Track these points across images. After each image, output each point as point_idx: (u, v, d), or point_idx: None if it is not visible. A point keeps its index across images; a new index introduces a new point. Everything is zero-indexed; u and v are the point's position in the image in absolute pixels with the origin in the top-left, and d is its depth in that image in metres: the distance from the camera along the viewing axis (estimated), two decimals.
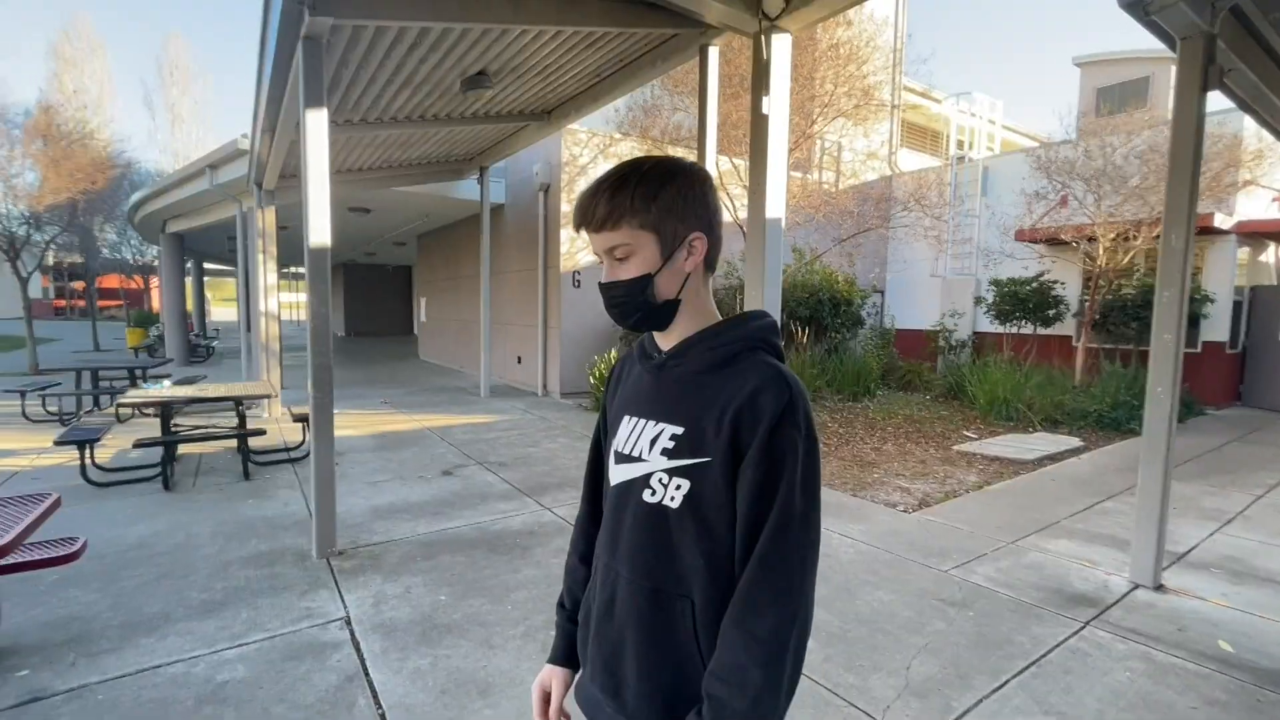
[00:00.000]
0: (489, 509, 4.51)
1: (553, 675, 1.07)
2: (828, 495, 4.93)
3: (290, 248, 11.98)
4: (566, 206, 9.21)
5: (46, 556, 2.62)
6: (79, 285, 34.53)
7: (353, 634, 2.79)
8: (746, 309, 4.78)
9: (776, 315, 4.53)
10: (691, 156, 8.73)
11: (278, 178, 7.24)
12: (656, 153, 8.98)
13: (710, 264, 0.95)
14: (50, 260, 31.53)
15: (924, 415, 8.62)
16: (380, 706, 2.29)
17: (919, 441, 7.11)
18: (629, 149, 9.41)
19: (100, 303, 34.66)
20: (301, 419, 5.63)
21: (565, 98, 6.64)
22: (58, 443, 4.66)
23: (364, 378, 12.13)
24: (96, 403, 8.03)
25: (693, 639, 0.88)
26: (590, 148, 9.30)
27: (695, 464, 0.86)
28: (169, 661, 2.55)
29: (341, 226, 13.45)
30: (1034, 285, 9.78)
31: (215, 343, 17.62)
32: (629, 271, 0.91)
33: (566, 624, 1.09)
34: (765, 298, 4.43)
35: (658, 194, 0.88)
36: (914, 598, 3.18)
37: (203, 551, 3.68)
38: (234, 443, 5.79)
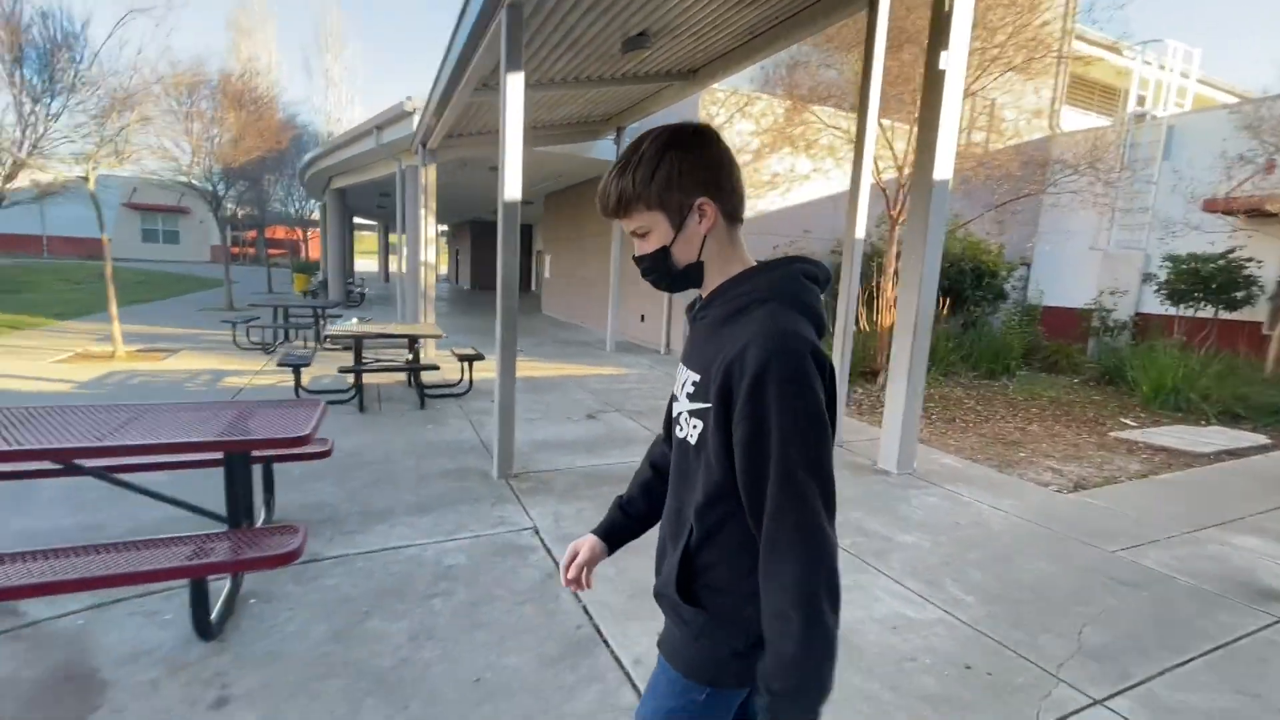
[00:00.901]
0: (636, 451, 4.85)
1: (586, 541, 1.24)
2: (972, 469, 4.84)
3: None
4: None
5: (313, 450, 3.22)
6: (250, 235, 39.10)
7: (543, 541, 3.21)
8: (903, 271, 4.66)
9: (934, 283, 4.43)
10: (839, 115, 8.46)
11: (443, 137, 7.84)
12: (796, 106, 8.77)
13: (731, 216, 1.00)
14: (229, 213, 35.99)
15: (1072, 399, 8.03)
16: (580, 600, 2.66)
17: (1068, 425, 6.68)
18: (766, 108, 9.25)
19: (271, 251, 39.26)
20: (464, 358, 6.25)
21: (714, 56, 6.64)
22: (280, 364, 5.52)
23: (494, 327, 13.04)
24: (286, 335, 9.30)
25: (689, 555, 1.01)
26: (727, 106, 9.23)
27: (704, 408, 0.95)
28: (404, 545, 3.08)
29: (480, 185, 14.32)
30: (1220, 263, 8.65)
31: (365, 290, 19.51)
32: (649, 246, 1.00)
33: (615, 509, 1.27)
34: (925, 262, 4.35)
35: (654, 173, 0.94)
36: (1079, 573, 3.13)
37: (403, 464, 4.30)
38: (404, 376, 6.55)
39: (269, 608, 2.49)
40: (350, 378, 5.94)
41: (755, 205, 9.68)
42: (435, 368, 5.90)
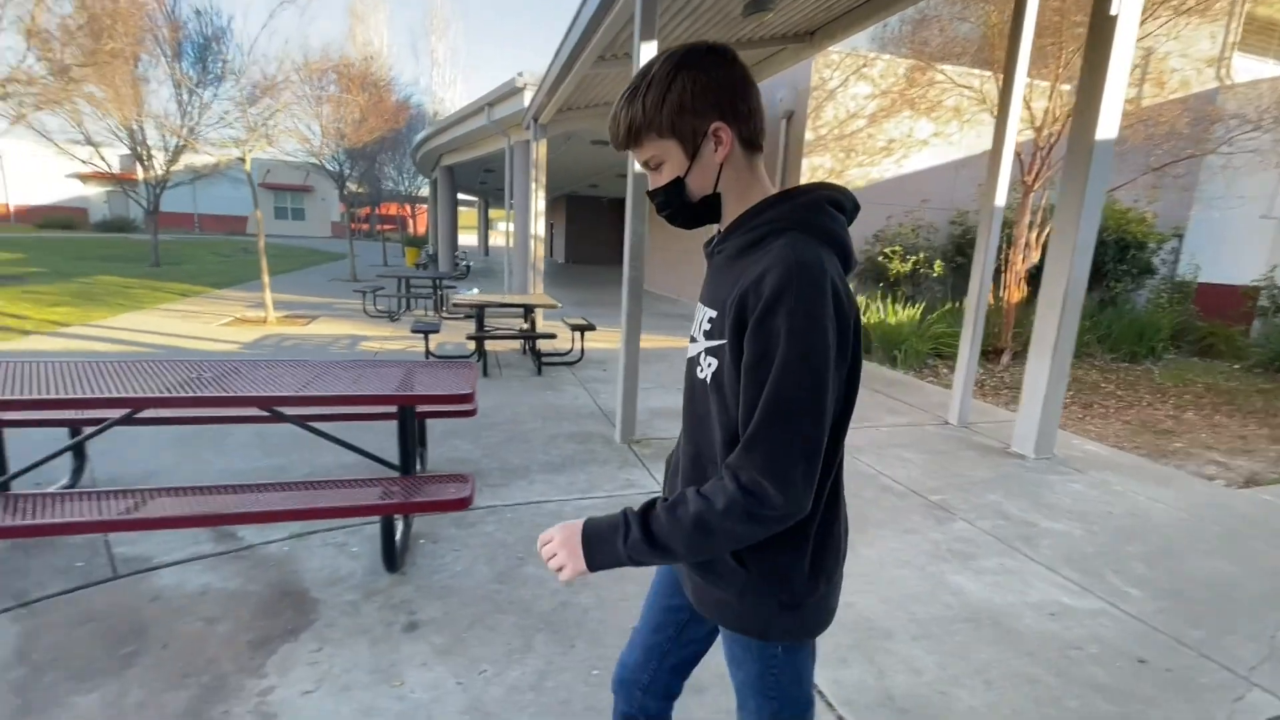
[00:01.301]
0: None
1: None
2: (1120, 457, 4.46)
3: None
4: (811, 135, 8.92)
5: (465, 409, 3.46)
6: (365, 211, 41.95)
7: None
8: (1054, 240, 4.33)
9: (1088, 253, 4.07)
10: (970, 74, 7.83)
11: (555, 111, 8.00)
12: (921, 66, 8.20)
13: (749, 143, 0.92)
14: (349, 191, 38.77)
15: (1233, 386, 7.17)
16: None
17: (1231, 415, 5.99)
18: (887, 69, 8.72)
19: (381, 226, 42.02)
20: (577, 328, 6.46)
21: (835, 15, 6.32)
22: (414, 331, 5.94)
23: (595, 299, 13.32)
24: (408, 304, 9.97)
25: None
26: (842, 69, 8.79)
27: (719, 345, 0.89)
28: (544, 500, 3.28)
29: (582, 159, 14.50)
30: None
31: (469, 263, 20.48)
32: (663, 178, 0.93)
33: None
34: (1080, 230, 4.00)
35: (665, 96, 0.87)
36: (1268, 576, 2.83)
37: (530, 425, 4.54)
38: (519, 343, 6.86)
39: (436, 548, 2.74)
40: (472, 344, 6.30)
41: (868, 173, 9.23)
42: (553, 336, 6.14)
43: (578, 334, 6.53)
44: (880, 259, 8.87)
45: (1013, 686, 2.02)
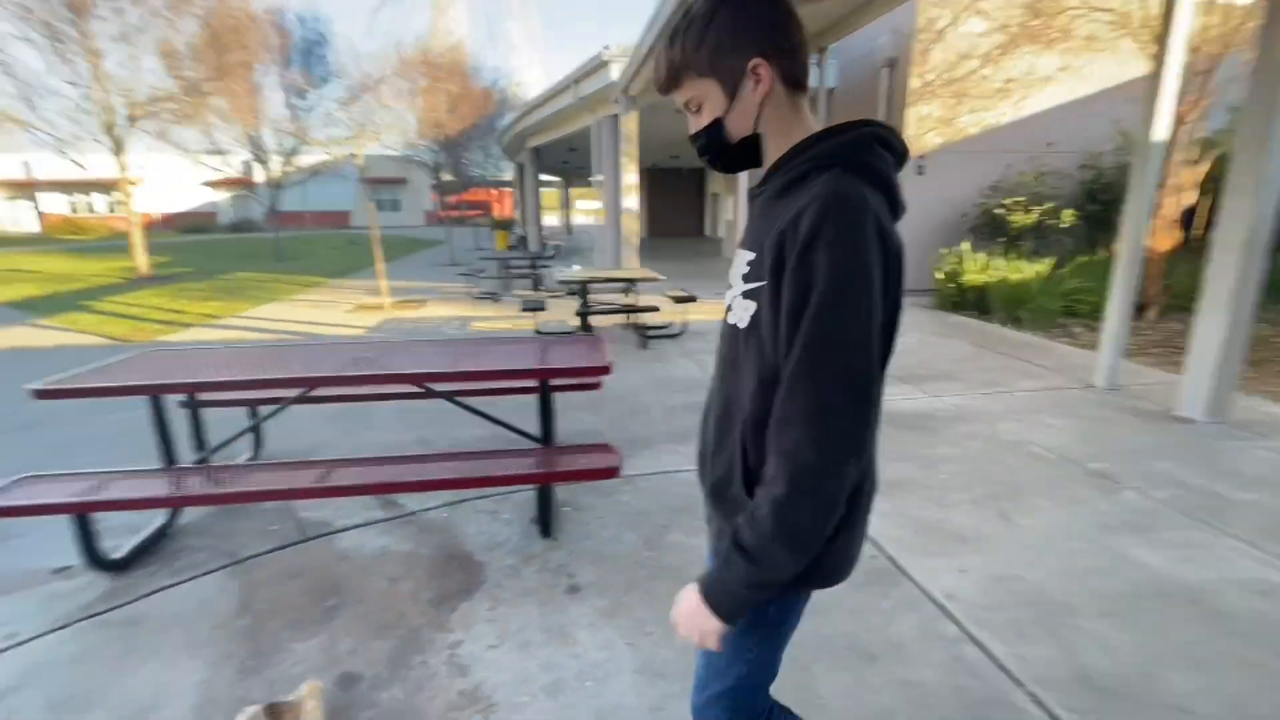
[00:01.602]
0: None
1: None
2: None
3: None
4: (916, 81, 8.30)
5: (590, 381, 3.54)
6: (454, 198, 43.72)
7: None
8: (1234, 173, 3.83)
9: (1275, 190, 3.54)
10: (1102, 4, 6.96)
11: (647, 82, 7.88)
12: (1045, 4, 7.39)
13: (792, 81, 0.87)
14: (441, 179, 40.58)
15: None
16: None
17: None
18: (1003, 1, 7.92)
19: (467, 212, 43.79)
20: (679, 300, 6.42)
21: None
22: (524, 310, 6.14)
23: (679, 270, 13.21)
24: (509, 286, 10.32)
25: (739, 446, 0.91)
26: (952, 6, 8.07)
27: (757, 287, 0.84)
28: (675, 470, 3.30)
29: (665, 130, 14.24)
30: None
31: (558, 243, 20.91)
32: (703, 120, 0.90)
33: None
34: (1270, 161, 3.48)
35: (704, 35, 0.84)
36: None
37: (645, 398, 4.58)
38: (621, 318, 6.92)
39: (580, 515, 2.83)
40: (576, 320, 6.43)
41: (982, 119, 8.50)
42: (656, 309, 6.16)
43: (680, 307, 6.50)
44: (999, 212, 8.18)
45: (1230, 670, 1.83)
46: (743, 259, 0.90)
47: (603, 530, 2.69)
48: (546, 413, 2.94)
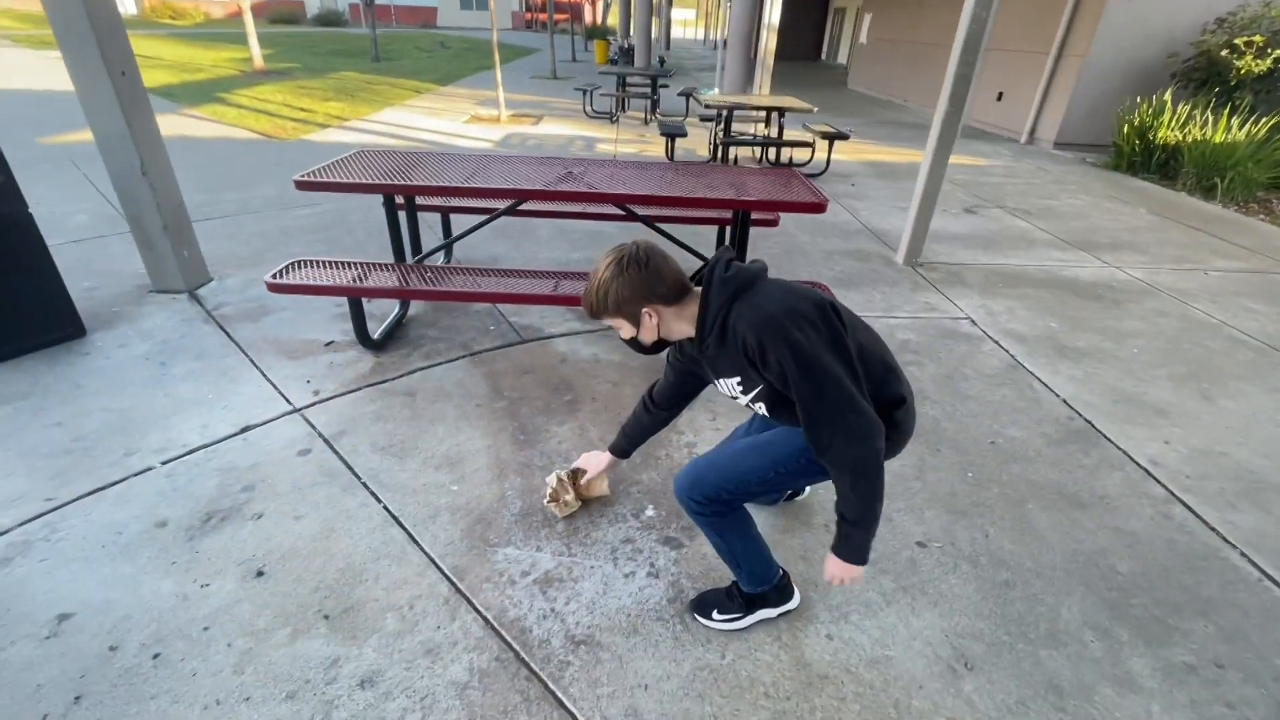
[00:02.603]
0: (1041, 255, 4.39)
1: (595, 456, 1.88)
2: None
3: None
4: None
5: (768, 218, 3.50)
6: (539, 1, 39.94)
7: (987, 333, 3.22)
8: None
9: None
10: None
11: None
12: None
13: (673, 301, 1.28)
14: None
15: None
16: (1057, 394, 2.68)
17: None
18: None
19: (556, 16, 40.11)
20: (827, 137, 5.97)
21: None
22: (663, 133, 5.88)
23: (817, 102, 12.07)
24: (624, 105, 9.77)
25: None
26: None
27: (760, 389, 1.28)
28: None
29: None
30: None
31: (665, 58, 19.19)
32: (623, 335, 1.35)
33: (620, 438, 1.78)
34: None
35: (608, 296, 1.26)
36: None
37: (800, 239, 4.50)
38: (756, 151, 6.53)
39: None
40: (705, 149, 6.13)
41: None
42: (809, 144, 5.76)
43: (827, 143, 6.05)
44: (1225, 53, 6.82)
45: None
46: (728, 381, 1.33)
47: None
48: (743, 246, 2.97)
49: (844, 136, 5.98)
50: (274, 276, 2.53)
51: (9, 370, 2.51)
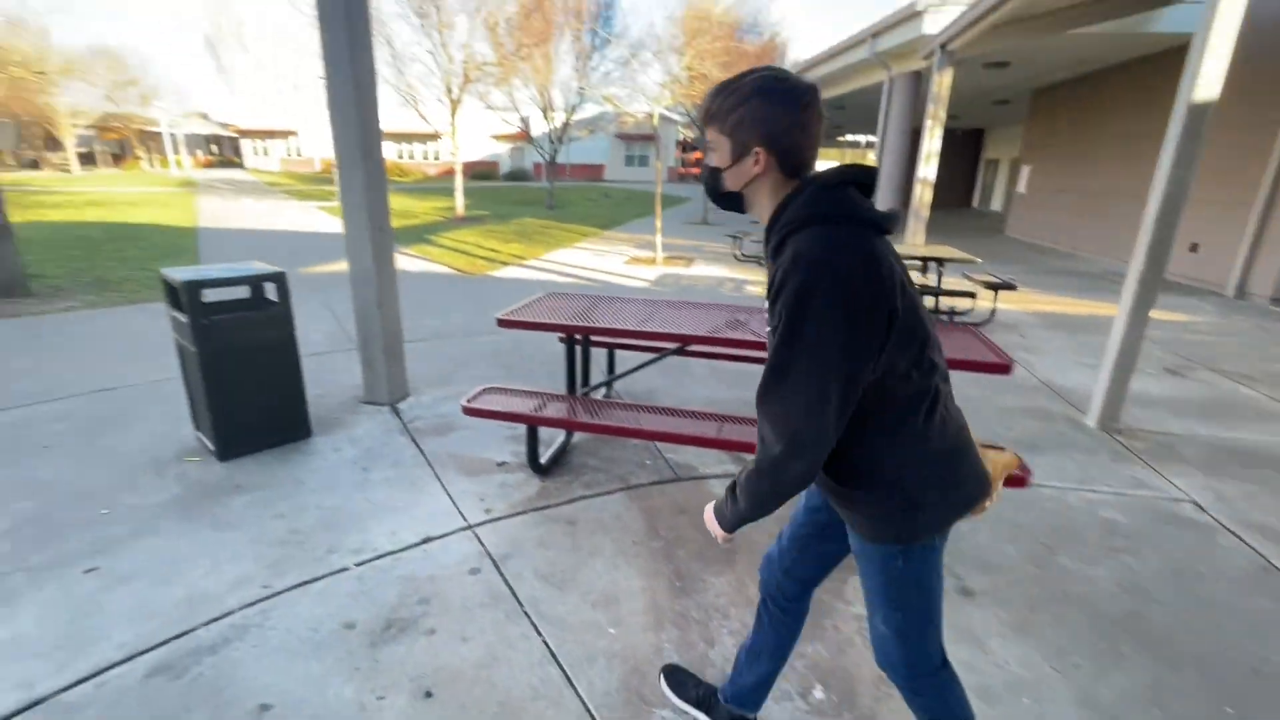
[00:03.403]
0: (1273, 426, 3.72)
1: None
2: None
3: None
4: None
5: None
6: (695, 155, 44.57)
7: (1219, 522, 2.71)
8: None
9: None
10: None
11: (988, 30, 6.96)
12: None
13: (790, 170, 1.08)
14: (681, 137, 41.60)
15: None
16: None
17: None
18: None
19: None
20: (993, 286, 5.75)
21: None
22: None
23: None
24: None
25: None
26: None
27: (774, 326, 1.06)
28: (1039, 484, 3.00)
29: (971, 82, 12.66)
30: None
31: None
32: (711, 160, 1.15)
33: None
34: None
35: (734, 108, 1.06)
36: None
37: (969, 392, 4.22)
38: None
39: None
40: None
41: None
42: (972, 295, 5.59)
43: (993, 293, 5.82)
44: None
45: None
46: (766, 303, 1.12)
47: (975, 535, 2.56)
48: None
49: (1010, 287, 5.73)
50: (468, 401, 2.84)
51: (253, 462, 2.98)
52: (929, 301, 6.40)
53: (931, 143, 7.95)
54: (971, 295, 5.57)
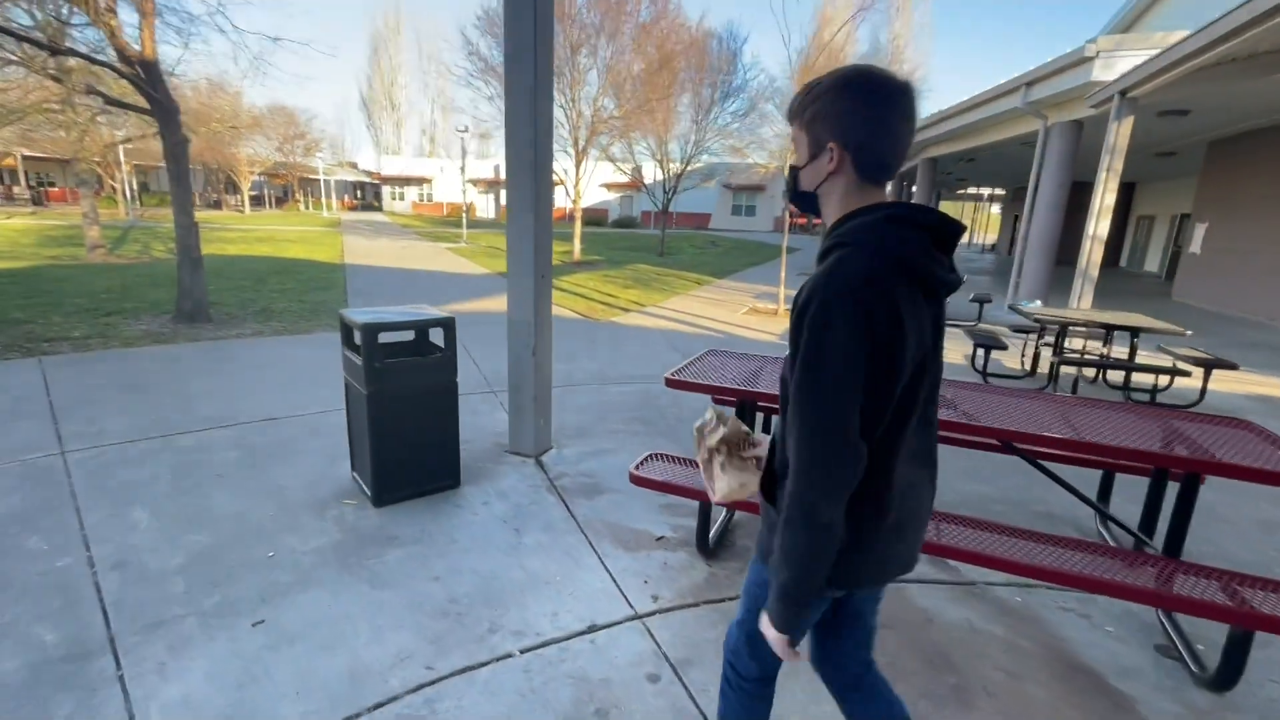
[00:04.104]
0: None
1: None
2: None
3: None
4: None
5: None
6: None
7: None
8: None
9: None
10: None
11: (1173, 78, 6.23)
12: None
13: (866, 173, 1.02)
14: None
15: None
16: None
17: None
18: None
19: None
20: (1206, 364, 4.88)
21: None
22: (977, 345, 5.42)
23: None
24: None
25: (772, 459, 1.17)
26: None
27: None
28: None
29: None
30: None
31: None
32: (792, 159, 1.12)
33: None
34: None
35: (815, 103, 1.02)
36: None
37: (1210, 498, 3.45)
38: (1091, 373, 5.60)
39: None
40: (1020, 364, 5.41)
41: None
42: (1185, 373, 4.76)
43: (1204, 371, 4.93)
44: None
45: None
46: None
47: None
48: (1185, 513, 2.29)
49: (1230, 365, 4.83)
50: (636, 468, 2.59)
51: (405, 512, 2.88)
52: (1117, 377, 5.57)
53: (1105, 197, 7.13)
54: (1183, 374, 4.73)
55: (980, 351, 5.64)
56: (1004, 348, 5.44)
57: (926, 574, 2.57)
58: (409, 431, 2.89)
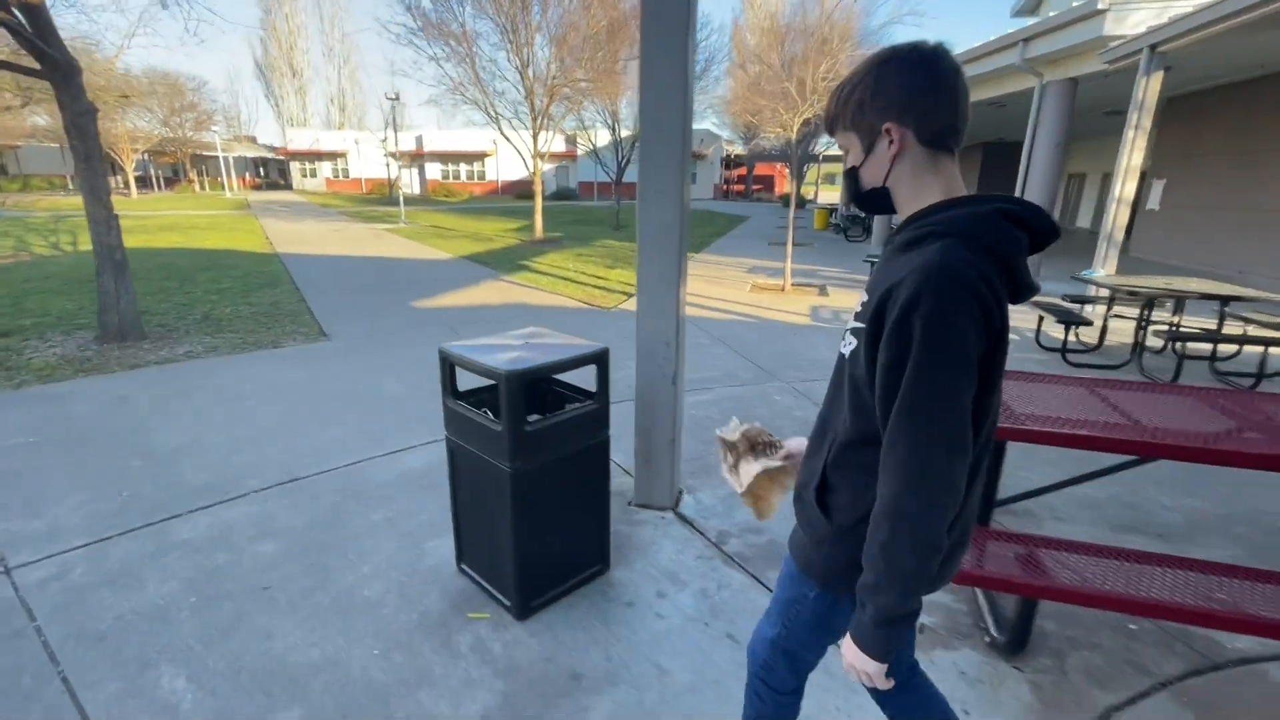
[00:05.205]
0: None
1: None
2: None
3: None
4: None
5: None
6: (739, 172, 43.84)
7: None
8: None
9: None
10: None
11: (1219, 31, 5.96)
12: None
13: (932, 142, 0.92)
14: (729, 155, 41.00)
15: None
16: None
17: None
18: None
19: (754, 188, 43.55)
20: None
21: None
22: (1061, 320, 5.03)
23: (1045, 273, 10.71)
24: None
25: (823, 461, 1.04)
26: None
27: (860, 328, 0.93)
28: None
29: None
30: None
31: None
32: (846, 165, 1.02)
33: None
34: None
35: (853, 93, 0.94)
36: None
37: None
38: (1160, 343, 5.35)
39: None
40: (1089, 336, 5.09)
41: None
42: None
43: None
44: None
45: None
46: (865, 296, 0.97)
47: None
48: None
49: None
50: None
51: (563, 624, 2.06)
52: (1203, 348, 5.34)
53: (1132, 156, 6.92)
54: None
55: (1061, 328, 5.26)
56: (1089, 323, 5.09)
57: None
58: (560, 513, 2.06)
